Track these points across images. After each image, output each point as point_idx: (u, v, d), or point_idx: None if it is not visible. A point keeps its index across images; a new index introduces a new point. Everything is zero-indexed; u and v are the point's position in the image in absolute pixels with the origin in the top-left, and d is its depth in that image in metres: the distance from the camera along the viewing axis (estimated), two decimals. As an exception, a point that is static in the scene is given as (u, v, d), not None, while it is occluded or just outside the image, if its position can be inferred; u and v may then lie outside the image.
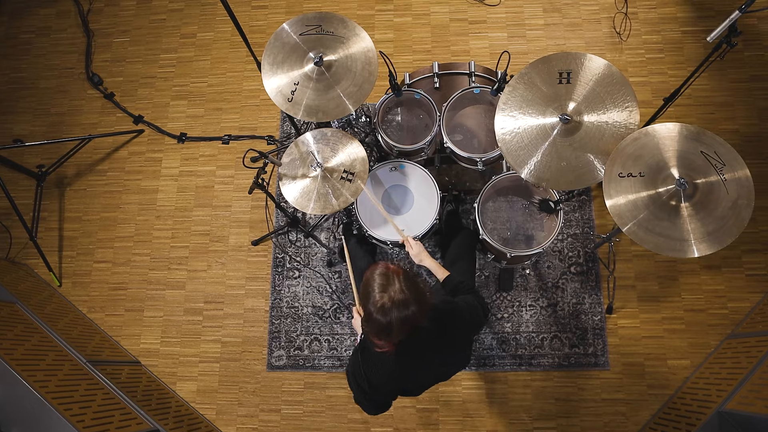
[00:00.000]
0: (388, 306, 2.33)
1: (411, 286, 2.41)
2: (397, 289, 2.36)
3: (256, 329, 4.56)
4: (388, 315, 2.34)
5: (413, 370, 2.71)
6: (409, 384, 2.85)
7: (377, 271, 2.47)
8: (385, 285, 2.39)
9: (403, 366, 2.63)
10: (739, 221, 2.86)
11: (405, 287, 2.38)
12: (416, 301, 2.38)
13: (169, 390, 4.47)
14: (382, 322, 2.36)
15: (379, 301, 2.36)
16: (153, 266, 4.80)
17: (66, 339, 4.02)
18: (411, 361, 2.64)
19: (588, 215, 4.55)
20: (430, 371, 2.82)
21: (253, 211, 4.83)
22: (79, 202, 5.02)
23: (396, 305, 2.33)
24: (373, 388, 2.69)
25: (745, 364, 3.68)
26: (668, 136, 3.01)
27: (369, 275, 2.49)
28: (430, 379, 2.90)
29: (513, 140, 3.18)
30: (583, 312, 4.36)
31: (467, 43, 5.13)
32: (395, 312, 2.33)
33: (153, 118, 5.19)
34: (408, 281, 2.42)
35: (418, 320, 2.40)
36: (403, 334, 2.42)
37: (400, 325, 2.36)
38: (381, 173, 3.73)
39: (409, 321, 2.37)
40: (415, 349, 2.60)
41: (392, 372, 2.64)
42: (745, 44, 4.89)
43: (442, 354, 2.73)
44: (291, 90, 3.41)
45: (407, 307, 2.35)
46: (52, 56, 5.48)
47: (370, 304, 2.40)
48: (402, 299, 2.34)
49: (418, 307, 2.39)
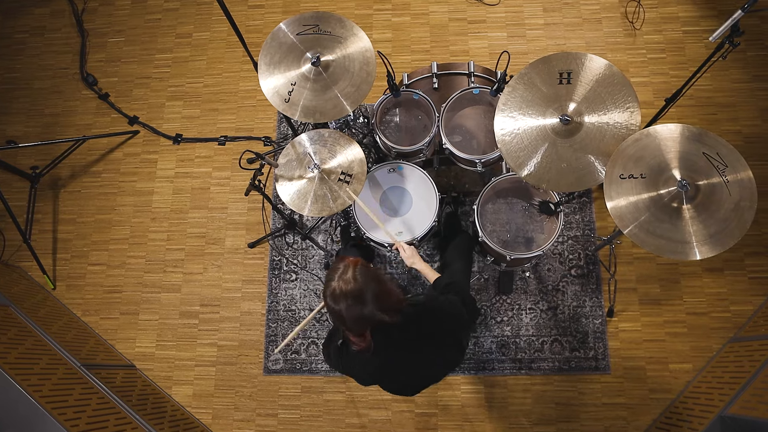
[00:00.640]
0: (338, 293, 2.39)
1: (367, 276, 2.45)
2: (349, 278, 2.41)
3: (253, 332, 4.56)
4: (338, 303, 2.39)
5: (393, 370, 2.73)
6: (392, 384, 2.87)
7: (339, 262, 2.52)
8: (341, 273, 2.44)
9: (380, 365, 2.66)
10: (742, 223, 2.86)
11: (359, 276, 2.42)
12: (372, 292, 2.42)
13: (165, 394, 4.46)
14: (334, 309, 2.42)
15: (332, 285, 2.42)
16: (148, 269, 4.79)
17: (60, 342, 4.01)
18: (388, 360, 2.66)
19: (589, 217, 4.55)
20: (413, 371, 2.82)
21: (249, 213, 4.83)
22: (73, 203, 5.02)
23: (344, 294, 2.38)
24: (355, 378, 2.79)
25: (747, 367, 3.68)
26: (670, 137, 3.01)
27: (332, 264, 2.59)
28: (415, 381, 2.91)
29: (513, 141, 3.17)
30: (583, 315, 4.35)
31: (466, 43, 5.13)
32: (344, 301, 2.39)
33: (148, 119, 5.18)
34: (364, 272, 2.46)
35: (376, 316, 2.45)
36: (359, 326, 2.48)
37: (353, 317, 2.42)
38: (379, 175, 3.73)
39: (363, 315, 2.43)
40: (391, 348, 2.62)
41: (369, 370, 2.70)
42: (748, 44, 4.88)
43: (422, 353, 2.74)
44: (288, 90, 3.40)
45: (358, 298, 2.40)
46: (46, 56, 5.47)
47: (326, 288, 2.46)
48: (352, 288, 2.39)
49: (376, 301, 2.43)
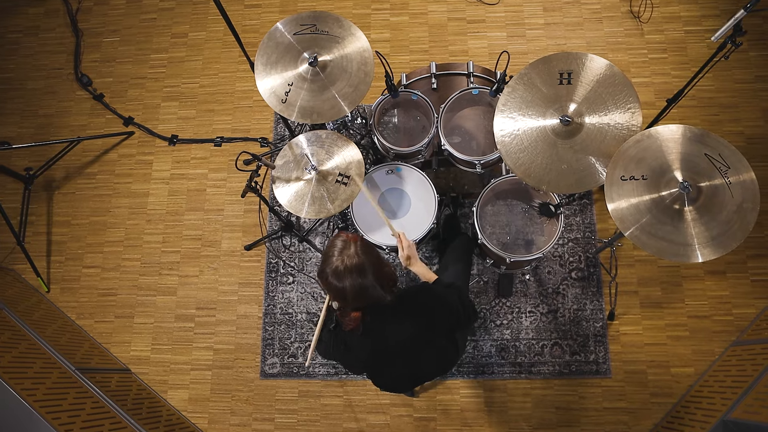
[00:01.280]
0: (341, 269, 2.45)
1: (367, 252, 2.52)
2: (352, 253, 2.48)
3: (249, 336, 4.55)
4: (342, 279, 2.45)
5: (384, 354, 2.76)
6: (384, 374, 2.88)
7: (337, 238, 2.57)
8: (342, 249, 2.50)
9: (372, 348, 2.70)
10: (744, 225, 2.85)
11: (360, 252, 2.49)
12: (372, 267, 2.49)
13: (160, 398, 4.45)
14: (337, 286, 2.47)
15: (334, 263, 2.47)
16: (143, 272, 4.79)
17: (54, 346, 4.00)
18: (380, 341, 2.69)
19: (589, 219, 4.55)
20: (405, 357, 2.84)
21: (246, 215, 4.82)
22: (67, 205, 5.01)
23: (349, 269, 2.44)
24: (348, 366, 2.87)
25: (750, 371, 3.68)
26: (671, 138, 3.00)
27: (329, 242, 2.61)
28: (407, 369, 2.92)
29: (512, 142, 3.17)
30: (584, 318, 4.35)
31: (465, 43, 5.13)
32: (349, 277, 2.44)
33: (143, 119, 5.18)
34: (365, 248, 2.53)
35: (375, 291, 2.51)
36: (359, 301, 2.53)
37: (356, 290, 2.47)
38: (377, 176, 3.73)
39: (365, 288, 2.48)
40: (385, 328, 2.67)
41: (361, 356, 2.74)
42: (751, 44, 4.88)
43: (414, 338, 2.77)
44: (285, 91, 3.40)
45: (362, 272, 2.46)
46: (40, 56, 5.47)
47: (327, 266, 2.51)
48: (356, 263, 2.46)
49: (375, 275, 2.50)
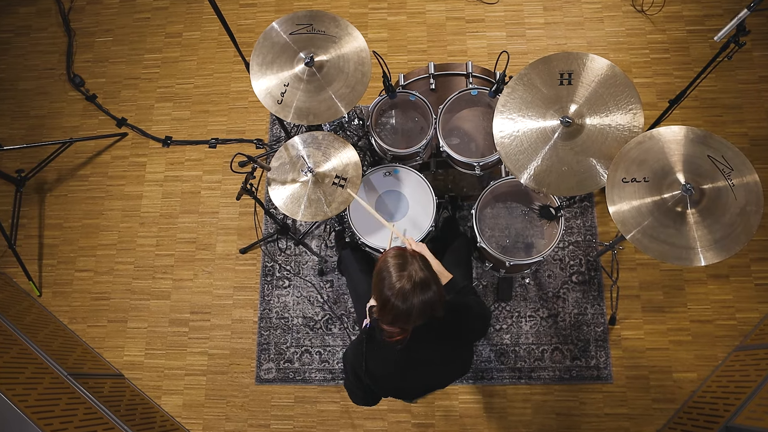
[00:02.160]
0: (408, 288, 2.31)
1: (428, 266, 2.41)
2: (417, 269, 2.35)
3: (245, 341, 4.54)
4: (408, 299, 2.31)
5: (418, 365, 2.69)
6: (409, 382, 2.82)
7: (391, 254, 2.44)
8: (402, 265, 2.37)
9: (409, 359, 2.62)
10: (748, 228, 2.85)
11: (423, 266, 2.38)
12: (434, 279, 2.38)
13: (154, 404, 4.44)
14: (402, 308, 2.32)
15: (397, 283, 2.32)
16: (137, 275, 4.78)
17: (46, 351, 3.99)
18: (418, 354, 2.62)
19: (590, 222, 4.55)
20: (433, 370, 2.78)
21: (241, 217, 4.82)
22: (59, 208, 5.00)
23: (417, 286, 2.31)
24: (373, 379, 2.67)
25: (753, 377, 3.68)
26: (674, 139, 3.00)
27: (383, 258, 2.46)
28: (430, 381, 2.87)
29: (512, 144, 3.17)
30: (585, 323, 4.35)
31: (464, 43, 5.13)
32: (417, 295, 2.31)
33: (137, 120, 5.17)
34: (425, 261, 2.42)
35: (437, 305, 2.39)
36: (421, 319, 2.39)
37: (421, 308, 2.33)
38: (374, 178, 3.72)
39: (430, 304, 2.35)
40: (425, 343, 2.60)
41: (396, 363, 2.63)
42: (754, 44, 4.89)
43: (449, 351, 2.73)
44: (281, 92, 3.39)
45: (428, 288, 2.34)
46: (31, 56, 5.46)
47: (386, 288, 2.35)
48: (423, 278, 2.33)
49: (438, 290, 2.38)
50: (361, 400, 2.86)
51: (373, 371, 2.65)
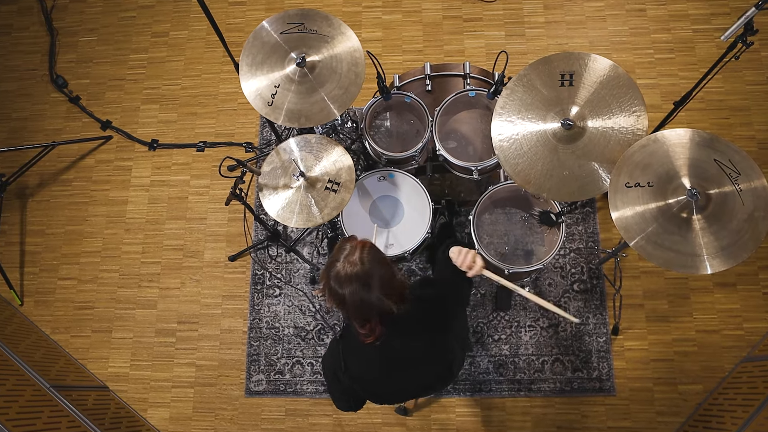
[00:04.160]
0: (342, 276, 2.36)
1: (374, 260, 2.41)
2: (355, 260, 2.38)
3: (234, 352, 4.53)
4: (343, 286, 2.36)
5: (401, 364, 2.70)
6: (396, 383, 2.82)
7: (347, 241, 2.49)
8: (347, 255, 2.41)
9: (390, 359, 2.64)
10: (756, 235, 2.85)
11: (366, 260, 2.39)
12: (380, 278, 2.38)
13: (140, 417, 4.42)
14: (338, 292, 2.37)
15: (337, 266, 2.38)
16: (122, 283, 4.76)
17: (28, 362, 3.97)
18: (398, 353, 2.63)
19: (592, 228, 4.54)
20: (421, 371, 2.79)
21: (230, 224, 4.81)
22: (42, 214, 4.99)
23: (350, 277, 2.35)
24: (354, 380, 2.69)
25: (762, 389, 3.67)
26: (679, 142, 3.00)
27: (340, 242, 2.52)
28: (418, 380, 2.86)
29: (511, 147, 3.16)
30: (586, 333, 4.34)
31: (462, 43, 5.13)
32: (349, 285, 2.35)
33: (122, 123, 5.16)
34: (372, 256, 2.43)
35: (382, 303, 2.40)
36: (360, 313, 2.43)
37: (355, 302, 2.37)
38: (369, 183, 3.72)
39: (366, 302, 2.38)
40: (404, 339, 2.60)
41: (379, 365, 2.65)
42: (762, 43, 4.89)
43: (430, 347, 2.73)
44: (271, 93, 3.39)
45: (364, 283, 2.36)
46: (12, 56, 5.45)
47: (331, 269, 2.42)
48: (358, 272, 2.35)
49: (382, 288, 2.39)
50: (344, 404, 2.86)
51: (353, 372, 2.67)
